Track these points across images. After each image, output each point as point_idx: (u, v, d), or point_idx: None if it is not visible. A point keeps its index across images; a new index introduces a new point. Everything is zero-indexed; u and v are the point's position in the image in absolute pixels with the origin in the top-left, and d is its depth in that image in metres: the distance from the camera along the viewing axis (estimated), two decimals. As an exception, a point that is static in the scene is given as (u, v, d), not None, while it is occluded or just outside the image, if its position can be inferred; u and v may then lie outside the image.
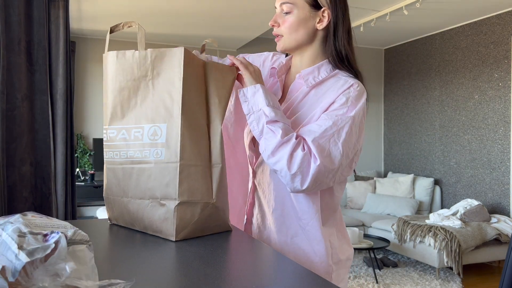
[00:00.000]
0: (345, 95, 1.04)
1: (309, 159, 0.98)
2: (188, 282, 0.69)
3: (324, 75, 1.11)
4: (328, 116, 1.02)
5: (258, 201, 1.18)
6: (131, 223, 1.06)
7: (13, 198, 1.50)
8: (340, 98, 1.04)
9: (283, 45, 1.13)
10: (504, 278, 1.09)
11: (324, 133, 0.99)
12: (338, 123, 1.01)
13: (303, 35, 1.11)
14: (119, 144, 1.04)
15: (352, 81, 1.07)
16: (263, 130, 1.02)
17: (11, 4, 1.48)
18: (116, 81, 1.03)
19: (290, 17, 1.09)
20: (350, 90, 1.05)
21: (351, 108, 1.03)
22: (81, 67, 5.14)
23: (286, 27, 1.10)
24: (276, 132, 1.00)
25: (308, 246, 1.10)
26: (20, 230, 0.51)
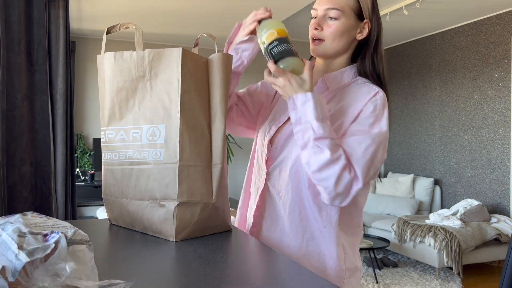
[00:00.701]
0: (372, 103, 1.06)
1: (353, 182, 1.00)
2: (188, 282, 0.69)
3: (347, 80, 1.14)
4: (362, 127, 1.04)
5: (271, 203, 1.15)
6: (131, 224, 1.06)
7: (13, 198, 1.50)
8: (368, 106, 1.06)
9: (323, 50, 1.12)
10: (504, 278, 1.09)
11: (365, 153, 1.01)
12: (376, 140, 1.03)
13: (345, 43, 1.12)
14: (118, 145, 1.04)
15: (376, 88, 1.09)
16: (308, 144, 1.01)
17: (11, 4, 1.48)
18: (114, 82, 1.03)
19: (336, 23, 1.09)
20: (376, 98, 1.07)
21: (379, 117, 1.05)
22: (81, 67, 5.14)
23: (331, 33, 1.10)
24: (323, 149, 0.99)
25: (323, 249, 1.09)
26: (20, 230, 0.51)
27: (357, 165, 1.00)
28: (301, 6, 3.95)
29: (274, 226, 1.14)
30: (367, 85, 1.10)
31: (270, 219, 1.15)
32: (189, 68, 0.98)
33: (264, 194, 1.16)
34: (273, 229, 1.14)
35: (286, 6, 3.97)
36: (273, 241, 1.14)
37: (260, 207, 1.17)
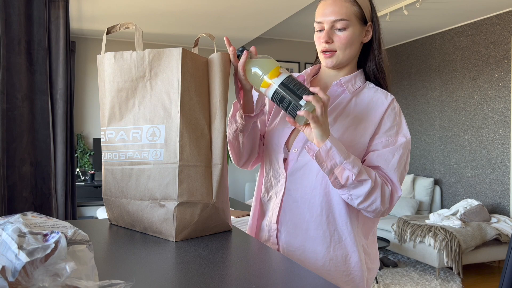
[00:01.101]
0: (392, 110, 1.11)
1: (393, 193, 1.07)
2: (188, 282, 0.69)
3: (359, 84, 1.17)
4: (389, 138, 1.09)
5: (293, 207, 1.14)
6: (131, 224, 1.06)
7: (13, 198, 1.50)
8: (389, 114, 1.11)
9: (337, 61, 1.14)
10: (504, 278, 1.09)
11: (399, 163, 1.08)
12: (405, 148, 1.10)
13: (355, 50, 1.14)
14: (118, 145, 1.04)
15: (389, 94, 1.14)
16: (348, 183, 1.02)
17: (11, 4, 1.48)
18: (114, 82, 1.03)
19: (345, 33, 1.10)
20: (394, 105, 1.12)
21: (400, 124, 1.11)
22: (81, 67, 5.14)
23: (342, 44, 1.11)
24: (363, 182, 1.02)
25: (350, 252, 1.11)
26: (20, 230, 0.51)
27: (394, 175, 1.07)
28: (301, 6, 3.95)
29: (296, 231, 1.13)
30: (379, 91, 1.15)
31: (292, 224, 1.13)
32: (189, 68, 0.98)
33: (285, 198, 1.15)
34: (295, 234, 1.13)
35: (286, 6, 3.97)
36: (295, 246, 1.12)
37: (281, 213, 1.15)
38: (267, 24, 4.58)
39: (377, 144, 1.10)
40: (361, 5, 1.12)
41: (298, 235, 1.12)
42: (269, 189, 1.19)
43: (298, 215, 1.13)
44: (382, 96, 1.14)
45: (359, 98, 1.15)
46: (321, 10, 1.12)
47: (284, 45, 5.98)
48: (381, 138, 1.10)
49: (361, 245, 1.13)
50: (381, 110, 1.11)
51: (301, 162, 1.13)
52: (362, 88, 1.17)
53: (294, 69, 6.04)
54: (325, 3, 1.12)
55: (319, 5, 1.14)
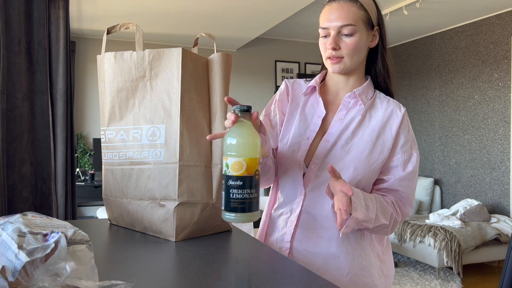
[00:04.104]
0: (405, 124, 1.13)
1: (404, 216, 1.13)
2: (188, 282, 0.69)
3: (371, 94, 1.16)
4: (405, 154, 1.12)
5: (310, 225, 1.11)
6: (131, 224, 1.06)
7: (13, 198, 1.50)
8: (403, 129, 1.12)
9: (344, 67, 1.10)
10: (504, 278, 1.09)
11: (415, 184, 1.14)
12: (417, 164, 1.13)
13: (362, 56, 1.12)
14: (118, 145, 1.04)
15: (402, 105, 1.15)
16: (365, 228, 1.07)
17: (11, 4, 1.48)
18: (114, 82, 1.03)
19: (353, 39, 1.06)
20: (406, 117, 1.14)
21: (412, 138, 1.14)
22: (81, 67, 5.14)
23: (350, 49, 1.07)
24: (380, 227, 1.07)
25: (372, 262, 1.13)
26: (20, 230, 0.51)
27: (411, 196, 1.13)
28: (301, 6, 3.95)
29: (316, 249, 1.09)
30: (391, 102, 1.15)
31: (312, 242, 1.10)
32: (189, 68, 0.98)
33: (302, 216, 1.11)
34: (315, 253, 1.09)
35: (286, 6, 3.97)
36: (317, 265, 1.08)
37: (297, 230, 1.11)
38: (267, 24, 4.58)
39: (394, 161, 1.12)
40: (368, 10, 1.08)
41: (318, 253, 1.09)
42: (282, 205, 1.14)
43: (318, 233, 1.09)
44: (395, 108, 1.14)
45: (373, 111, 1.14)
46: (327, 15, 1.07)
47: (284, 45, 5.98)
48: (397, 155, 1.12)
49: (376, 253, 1.14)
50: (396, 123, 1.12)
51: (321, 178, 1.09)
52: (374, 99, 1.15)
53: (294, 69, 6.04)
54: (331, 7, 1.07)
55: (324, 9, 1.09)
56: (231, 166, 0.87)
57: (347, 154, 1.09)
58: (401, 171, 1.11)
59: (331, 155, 1.09)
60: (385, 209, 1.06)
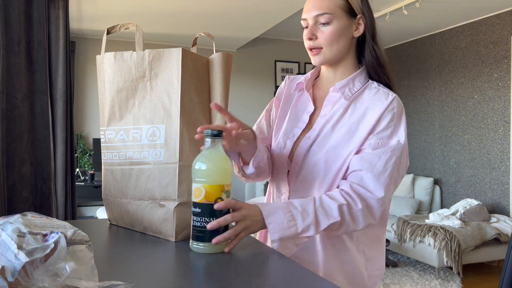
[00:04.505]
0: (390, 111, 1.04)
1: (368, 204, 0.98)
2: (188, 282, 0.69)
3: (359, 86, 1.10)
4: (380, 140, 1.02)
5: None
6: (130, 224, 1.06)
7: (13, 198, 1.50)
8: (385, 116, 1.03)
9: (323, 58, 1.08)
10: (504, 278, 1.09)
11: (386, 167, 0.99)
12: (396, 152, 1.01)
13: (344, 45, 1.08)
14: (118, 145, 1.04)
15: (391, 93, 1.07)
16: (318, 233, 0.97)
17: (11, 4, 1.48)
18: (114, 82, 1.03)
19: (329, 28, 1.04)
20: (394, 105, 1.05)
21: (397, 126, 1.04)
22: (81, 67, 5.14)
23: (326, 39, 1.05)
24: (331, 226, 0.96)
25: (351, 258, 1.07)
26: (19, 230, 0.51)
27: (375, 181, 0.98)
28: (301, 6, 3.95)
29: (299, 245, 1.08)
30: (381, 91, 1.07)
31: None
32: (189, 68, 0.98)
33: None
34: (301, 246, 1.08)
35: (286, 6, 3.97)
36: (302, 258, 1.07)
37: None
38: (267, 24, 4.58)
39: (365, 146, 1.02)
40: None
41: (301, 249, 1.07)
42: (275, 200, 1.16)
43: None
44: (382, 96, 1.06)
45: (358, 103, 1.08)
46: (306, 6, 1.07)
47: (284, 45, 5.98)
48: (371, 140, 1.02)
49: (362, 251, 1.09)
50: (378, 111, 1.04)
51: (302, 177, 1.08)
52: (363, 90, 1.09)
53: (293, 69, 6.04)
54: None
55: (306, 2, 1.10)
56: (193, 192, 0.86)
57: (322, 149, 1.05)
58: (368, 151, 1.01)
59: (311, 151, 1.07)
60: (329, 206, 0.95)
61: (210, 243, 0.84)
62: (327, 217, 0.94)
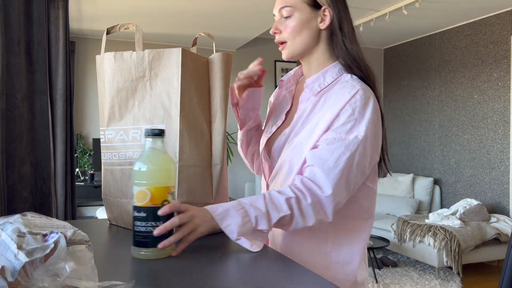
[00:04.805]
0: (351, 105, 0.97)
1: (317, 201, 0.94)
2: (188, 282, 0.70)
3: (330, 80, 1.06)
4: (337, 135, 0.96)
5: None
6: (130, 224, 1.06)
7: (13, 198, 1.50)
8: (346, 110, 0.97)
9: (289, 52, 1.07)
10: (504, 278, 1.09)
11: (337, 163, 0.94)
12: (351, 147, 0.95)
13: (308, 38, 1.06)
14: (117, 145, 1.04)
15: (358, 85, 1.00)
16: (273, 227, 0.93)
17: (10, 4, 1.48)
18: (114, 82, 1.03)
19: (291, 21, 1.04)
20: (356, 98, 0.98)
21: (359, 120, 0.97)
22: (81, 67, 5.14)
23: (288, 32, 1.05)
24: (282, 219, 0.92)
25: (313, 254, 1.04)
26: (19, 230, 0.51)
27: (325, 178, 0.93)
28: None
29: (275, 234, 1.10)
30: (350, 83, 1.01)
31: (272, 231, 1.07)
32: (189, 68, 0.98)
33: None
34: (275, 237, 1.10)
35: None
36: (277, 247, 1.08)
37: None
38: (267, 24, 4.58)
39: (321, 140, 0.98)
40: None
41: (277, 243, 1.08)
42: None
43: None
44: (347, 89, 1.00)
45: (327, 97, 1.04)
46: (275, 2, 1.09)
47: (284, 45, 5.97)
48: (328, 135, 0.97)
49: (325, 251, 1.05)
50: (338, 106, 0.98)
51: (275, 173, 1.09)
52: (334, 84, 1.05)
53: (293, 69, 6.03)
54: None
55: None
56: (135, 196, 0.81)
57: (290, 146, 1.05)
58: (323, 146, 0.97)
59: (284, 148, 1.08)
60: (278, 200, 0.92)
61: (155, 248, 0.80)
62: (277, 211, 0.91)
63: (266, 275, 0.75)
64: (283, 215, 0.91)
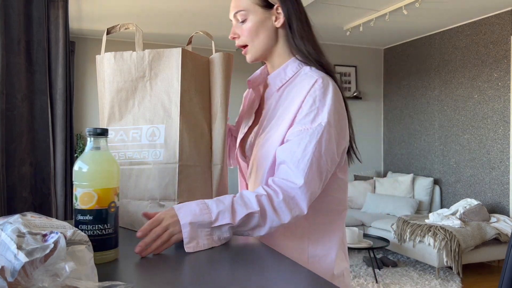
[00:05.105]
0: (311, 95, 0.98)
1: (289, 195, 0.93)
2: (188, 282, 0.69)
3: (291, 74, 1.07)
4: (302, 127, 0.97)
5: None
6: (130, 224, 1.06)
7: (12, 198, 1.50)
8: (307, 101, 0.98)
9: (251, 54, 1.08)
10: (504, 278, 1.09)
11: (305, 153, 0.94)
12: (315, 135, 0.95)
13: (266, 38, 1.07)
14: (117, 145, 1.04)
15: (316, 75, 1.00)
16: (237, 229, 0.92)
17: (10, 4, 1.48)
18: (114, 82, 1.03)
19: (247, 24, 1.06)
20: (315, 88, 0.98)
21: (321, 108, 0.97)
22: (81, 67, 5.14)
23: (246, 35, 1.06)
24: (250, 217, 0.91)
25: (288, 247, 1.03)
26: (19, 230, 0.51)
27: (295, 170, 0.93)
28: (300, 6, 3.95)
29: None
30: (309, 75, 1.02)
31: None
32: (189, 68, 0.98)
33: None
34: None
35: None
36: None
37: None
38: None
39: (288, 135, 0.98)
40: None
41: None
42: None
43: None
44: (306, 81, 1.01)
45: (288, 89, 1.06)
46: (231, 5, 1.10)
47: (284, 45, 5.97)
48: (294, 128, 0.97)
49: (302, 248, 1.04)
50: (300, 98, 0.99)
51: (250, 172, 1.09)
52: (295, 78, 1.06)
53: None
54: None
55: None
56: (79, 198, 0.77)
57: (259, 144, 1.05)
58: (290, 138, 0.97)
59: (255, 148, 1.08)
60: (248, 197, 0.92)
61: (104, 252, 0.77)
62: (245, 207, 0.90)
63: (266, 275, 0.75)
64: (251, 212, 0.89)
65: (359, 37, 5.44)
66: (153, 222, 0.85)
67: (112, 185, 0.79)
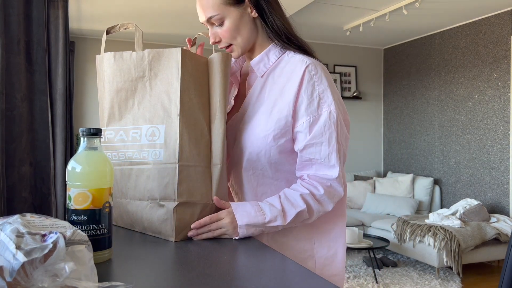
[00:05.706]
0: (309, 82, 1.00)
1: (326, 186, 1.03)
2: (188, 282, 0.69)
3: (274, 59, 1.08)
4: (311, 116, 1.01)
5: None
6: (130, 224, 1.05)
7: (12, 198, 1.50)
8: (306, 88, 1.01)
9: (238, 51, 1.09)
10: (504, 278, 1.09)
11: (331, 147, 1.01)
12: (332, 125, 1.01)
13: (248, 32, 1.07)
14: (117, 145, 1.04)
15: (305, 60, 1.03)
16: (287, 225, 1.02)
17: (10, 4, 1.48)
18: (113, 82, 1.03)
19: (225, 26, 1.05)
20: (310, 73, 1.01)
21: (323, 92, 1.01)
22: (81, 67, 5.14)
23: (228, 37, 1.06)
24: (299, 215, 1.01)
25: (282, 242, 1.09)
26: (18, 230, 0.51)
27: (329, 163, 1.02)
28: (300, 6, 3.95)
29: None
30: (296, 57, 1.05)
31: None
32: (189, 68, 0.98)
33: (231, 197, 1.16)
34: None
35: (286, 6, 3.96)
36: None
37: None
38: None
39: (298, 127, 1.02)
40: None
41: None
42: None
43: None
44: (296, 64, 1.03)
45: (276, 76, 1.06)
46: (198, 11, 1.08)
47: (284, 45, 5.97)
48: (302, 119, 1.01)
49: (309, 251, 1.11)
50: (295, 84, 1.01)
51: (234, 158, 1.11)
52: (279, 62, 1.08)
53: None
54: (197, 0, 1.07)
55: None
56: (73, 199, 0.76)
57: (244, 130, 1.06)
58: (307, 137, 1.01)
59: (238, 133, 1.08)
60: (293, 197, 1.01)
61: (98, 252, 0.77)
62: (294, 207, 1.00)
63: (266, 275, 0.75)
64: (300, 210, 1.00)
65: (359, 37, 5.44)
66: (212, 218, 0.97)
67: (106, 185, 0.79)
